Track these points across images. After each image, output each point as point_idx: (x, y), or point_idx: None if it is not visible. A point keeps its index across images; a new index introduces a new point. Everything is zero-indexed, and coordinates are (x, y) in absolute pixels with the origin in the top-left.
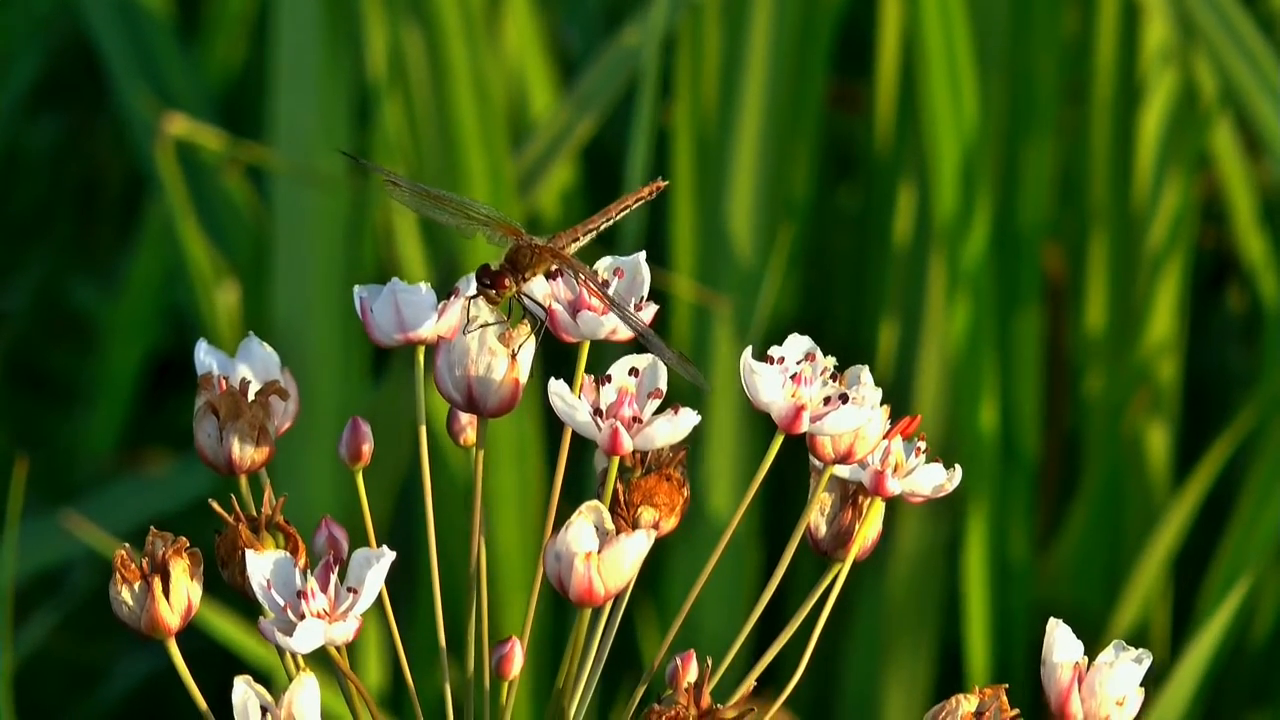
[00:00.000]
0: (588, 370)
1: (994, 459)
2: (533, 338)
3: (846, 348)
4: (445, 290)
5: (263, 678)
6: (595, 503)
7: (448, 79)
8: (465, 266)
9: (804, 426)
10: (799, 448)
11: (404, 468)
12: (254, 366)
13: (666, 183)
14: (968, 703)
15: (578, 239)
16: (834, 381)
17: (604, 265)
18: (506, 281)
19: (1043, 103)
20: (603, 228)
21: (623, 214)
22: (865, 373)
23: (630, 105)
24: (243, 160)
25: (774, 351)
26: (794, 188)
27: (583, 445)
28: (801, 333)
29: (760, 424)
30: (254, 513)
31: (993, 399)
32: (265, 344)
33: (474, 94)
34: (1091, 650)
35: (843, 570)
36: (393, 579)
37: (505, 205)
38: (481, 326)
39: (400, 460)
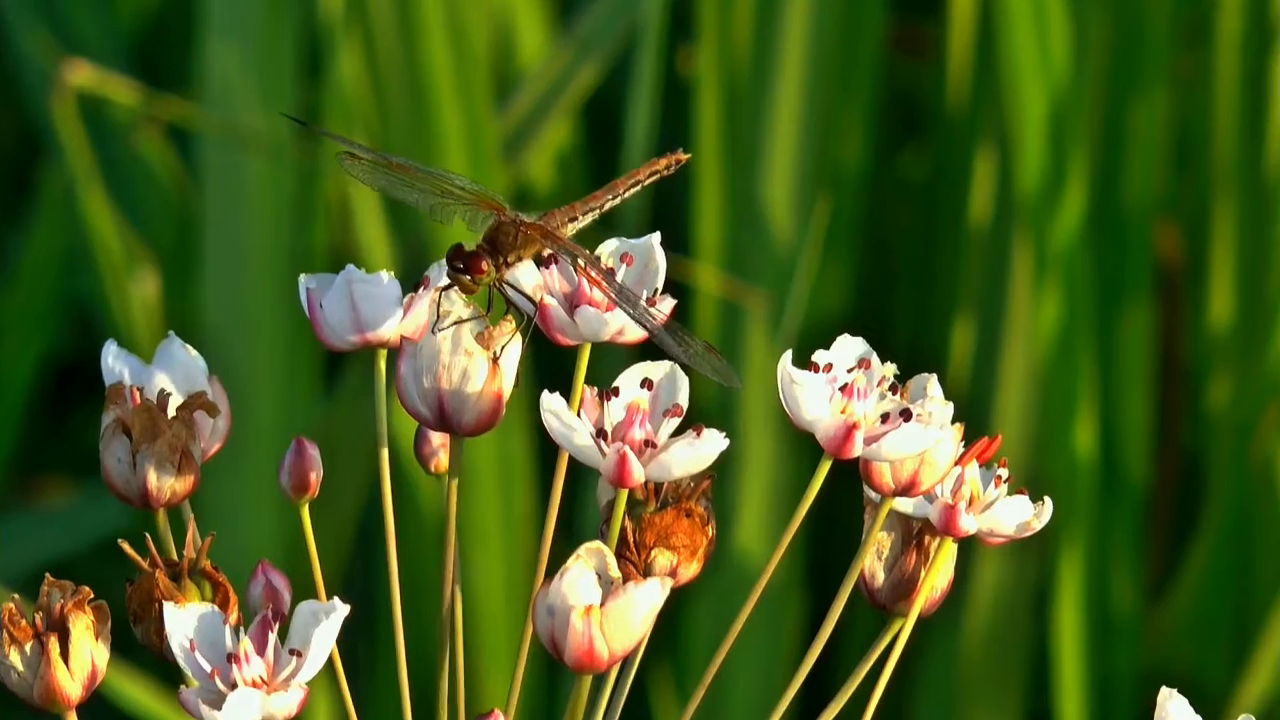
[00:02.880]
0: (589, 380)
1: (1092, 487)
2: (519, 337)
3: (910, 351)
4: (412, 280)
5: None
6: (597, 544)
7: (417, 18)
8: (436, 251)
9: (857, 450)
10: (851, 472)
11: (362, 500)
12: (175, 375)
13: (688, 155)
14: None
15: (576, 218)
16: (894, 394)
17: (608, 250)
18: (484, 265)
19: (1153, 46)
20: (607, 206)
21: (633, 191)
22: (933, 383)
23: (642, 50)
24: (163, 119)
25: (819, 357)
26: (846, 153)
27: (583, 471)
28: (854, 332)
29: (802, 442)
30: (175, 556)
31: (1091, 414)
32: (189, 347)
33: (449, 36)
34: None
35: (905, 628)
36: (348, 637)
37: (488, 172)
38: (455, 324)
39: (358, 491)
